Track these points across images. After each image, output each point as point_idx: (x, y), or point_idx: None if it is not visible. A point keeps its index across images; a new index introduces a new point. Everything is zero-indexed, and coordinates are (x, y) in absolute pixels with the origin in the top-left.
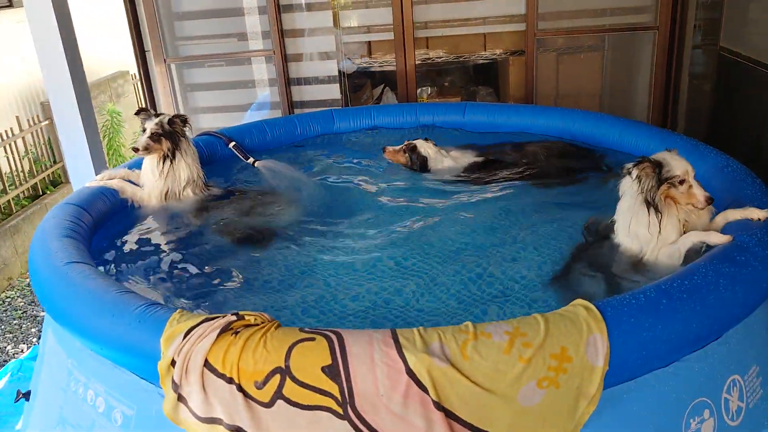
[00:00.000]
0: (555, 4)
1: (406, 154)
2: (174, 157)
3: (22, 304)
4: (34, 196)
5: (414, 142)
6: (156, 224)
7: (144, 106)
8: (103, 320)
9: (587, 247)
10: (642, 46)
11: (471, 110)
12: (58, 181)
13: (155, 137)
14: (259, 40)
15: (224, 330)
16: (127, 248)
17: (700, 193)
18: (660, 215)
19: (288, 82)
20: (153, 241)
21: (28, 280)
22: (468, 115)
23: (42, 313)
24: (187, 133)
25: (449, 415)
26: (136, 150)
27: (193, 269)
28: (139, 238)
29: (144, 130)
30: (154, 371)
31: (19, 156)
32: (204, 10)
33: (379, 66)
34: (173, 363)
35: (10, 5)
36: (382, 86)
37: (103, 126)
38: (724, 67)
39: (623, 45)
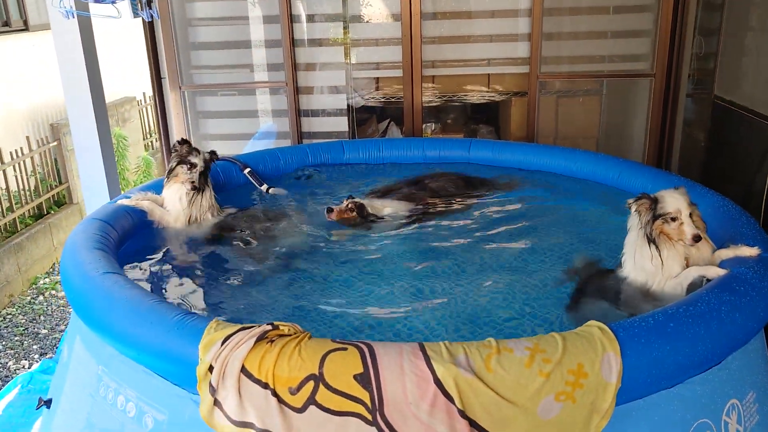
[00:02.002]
0: (557, 50)
1: (354, 213)
2: (203, 189)
3: (24, 321)
4: (38, 215)
5: (356, 200)
6: (176, 244)
7: (158, 130)
8: (142, 328)
9: (588, 283)
10: (638, 92)
11: (476, 146)
12: (63, 201)
13: (203, 174)
14: (271, 72)
15: (260, 338)
16: (148, 265)
17: (687, 231)
18: (658, 249)
19: (299, 113)
20: (172, 259)
21: (29, 297)
22: (473, 151)
23: (44, 331)
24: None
25: (472, 424)
26: (195, 188)
27: (209, 285)
28: (159, 256)
29: (184, 163)
30: (188, 377)
31: (26, 175)
32: (219, 42)
33: (387, 101)
34: (211, 368)
35: (26, 29)
36: (387, 121)
37: None
38: (718, 115)
39: (621, 90)
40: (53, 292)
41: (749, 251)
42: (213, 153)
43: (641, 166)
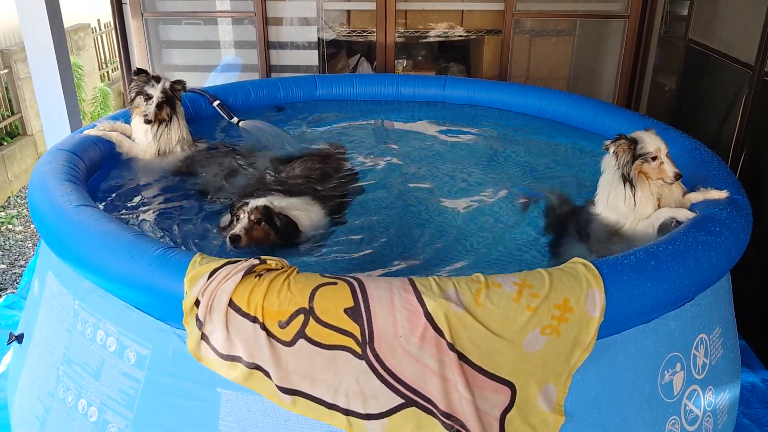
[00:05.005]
0: None
1: (263, 224)
2: (170, 120)
3: None
4: None
5: (259, 202)
6: (144, 178)
7: (118, 60)
8: (123, 262)
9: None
10: (611, 33)
11: (451, 84)
12: (15, 132)
13: (161, 106)
14: (237, 1)
15: (248, 272)
16: (115, 198)
17: (669, 169)
18: (634, 189)
19: (267, 45)
20: (140, 194)
21: None
22: (448, 89)
23: (2, 266)
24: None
25: (461, 357)
26: (149, 122)
27: (177, 222)
28: (127, 190)
29: (147, 96)
30: (172, 311)
31: None
32: None
33: (358, 35)
34: (197, 302)
35: None
36: (358, 56)
37: None
38: (692, 58)
39: (593, 31)
40: (9, 226)
41: (718, 194)
42: (177, 82)
43: (619, 108)
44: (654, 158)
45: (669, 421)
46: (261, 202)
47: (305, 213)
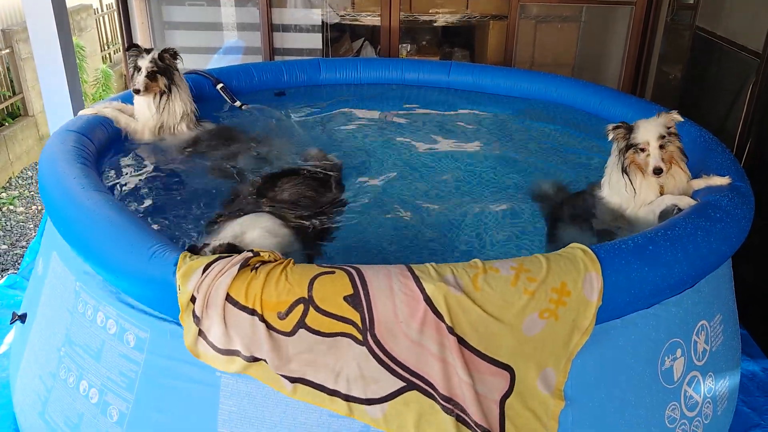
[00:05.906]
0: None
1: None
2: (170, 92)
3: None
4: None
5: (221, 242)
6: (151, 158)
7: (121, 41)
8: (121, 254)
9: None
10: (617, 20)
11: (456, 70)
12: (17, 113)
13: (152, 75)
14: None
15: (243, 266)
16: (121, 179)
17: (650, 163)
18: (629, 177)
19: (271, 27)
20: (147, 175)
21: None
22: (453, 75)
23: (3, 246)
24: (179, 67)
25: (460, 341)
26: (137, 92)
27: (182, 204)
28: (133, 171)
29: (137, 68)
30: (166, 306)
31: None
32: None
33: (366, 18)
34: (193, 299)
35: None
36: (362, 40)
37: None
38: (698, 46)
39: (599, 18)
40: (11, 207)
41: (720, 180)
42: (165, 50)
43: (627, 95)
44: (642, 149)
45: (669, 406)
46: (228, 238)
47: (261, 238)
